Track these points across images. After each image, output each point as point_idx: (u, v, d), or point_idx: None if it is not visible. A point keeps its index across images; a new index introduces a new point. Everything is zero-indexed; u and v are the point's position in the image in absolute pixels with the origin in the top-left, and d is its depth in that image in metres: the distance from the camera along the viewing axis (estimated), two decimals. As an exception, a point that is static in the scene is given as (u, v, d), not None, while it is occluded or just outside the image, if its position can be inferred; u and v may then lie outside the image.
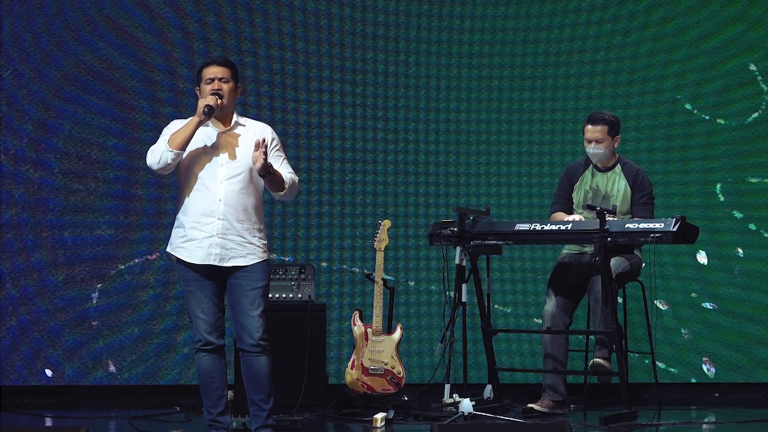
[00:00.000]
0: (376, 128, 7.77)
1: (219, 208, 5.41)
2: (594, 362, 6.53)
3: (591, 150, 6.78)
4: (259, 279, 5.46)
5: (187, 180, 5.47)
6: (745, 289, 7.72)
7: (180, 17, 7.62)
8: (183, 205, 5.49)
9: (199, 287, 5.44)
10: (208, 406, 5.50)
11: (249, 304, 5.41)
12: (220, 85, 5.46)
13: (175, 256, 5.50)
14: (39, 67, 7.52)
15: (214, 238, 5.41)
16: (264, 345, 5.43)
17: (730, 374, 7.69)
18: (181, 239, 5.48)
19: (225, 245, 5.41)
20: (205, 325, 5.42)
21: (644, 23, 7.82)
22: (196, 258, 5.43)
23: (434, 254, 7.62)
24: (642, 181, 6.75)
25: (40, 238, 7.48)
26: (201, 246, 5.42)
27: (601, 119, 6.75)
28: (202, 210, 5.42)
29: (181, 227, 5.50)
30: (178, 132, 5.40)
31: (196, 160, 5.45)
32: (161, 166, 5.39)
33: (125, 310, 7.51)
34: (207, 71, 5.51)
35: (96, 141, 7.54)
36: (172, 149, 5.36)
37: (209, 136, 5.49)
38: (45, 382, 7.45)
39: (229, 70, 5.52)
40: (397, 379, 6.73)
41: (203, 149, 5.46)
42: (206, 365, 5.46)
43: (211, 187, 5.42)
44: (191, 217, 5.45)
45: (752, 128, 7.81)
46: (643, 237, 6.32)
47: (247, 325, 5.41)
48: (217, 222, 5.41)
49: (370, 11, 7.76)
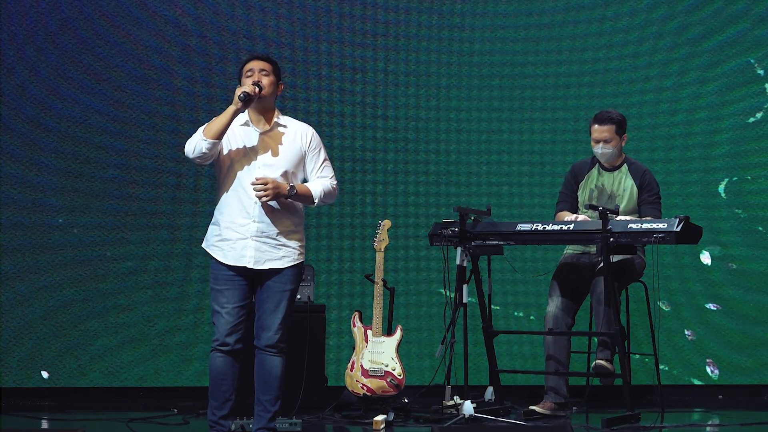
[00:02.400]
0: (376, 127, 7.75)
1: (254, 211, 5.40)
2: (596, 364, 6.51)
3: (599, 150, 6.74)
4: (289, 282, 5.46)
5: (226, 179, 5.46)
6: (748, 290, 7.70)
7: (176, 15, 7.60)
8: (220, 204, 5.48)
9: (228, 287, 5.42)
10: (214, 407, 5.48)
11: (274, 305, 5.42)
12: (259, 77, 5.44)
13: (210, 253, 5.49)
14: (34, 65, 7.49)
15: (249, 241, 5.40)
16: (281, 347, 5.43)
17: (733, 376, 7.68)
18: (216, 238, 5.47)
19: (259, 248, 5.40)
20: (226, 326, 5.40)
21: (646, 21, 7.80)
22: (229, 259, 5.42)
23: (435, 255, 7.59)
24: (649, 181, 6.72)
25: (36, 239, 7.44)
26: (234, 247, 5.41)
27: (608, 118, 6.71)
28: (238, 211, 5.42)
29: (216, 225, 5.49)
30: (214, 121, 5.38)
31: (235, 160, 5.43)
32: (197, 155, 5.37)
33: (122, 311, 7.47)
34: (248, 65, 5.50)
35: (92, 140, 7.52)
36: (206, 138, 5.34)
37: (249, 137, 5.47)
38: (41, 383, 7.40)
39: (270, 65, 5.50)
40: (397, 380, 6.71)
41: (243, 150, 5.45)
42: (219, 366, 5.44)
43: (247, 189, 5.40)
44: (227, 217, 5.44)
45: (755, 127, 7.78)
46: (646, 237, 6.30)
47: (268, 324, 5.41)
48: (252, 224, 5.40)
49: (370, 9, 7.74)
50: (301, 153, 5.50)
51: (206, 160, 5.40)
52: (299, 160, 5.49)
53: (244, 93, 5.34)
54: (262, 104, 5.46)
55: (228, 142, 5.44)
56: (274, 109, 5.54)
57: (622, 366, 6.40)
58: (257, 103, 5.43)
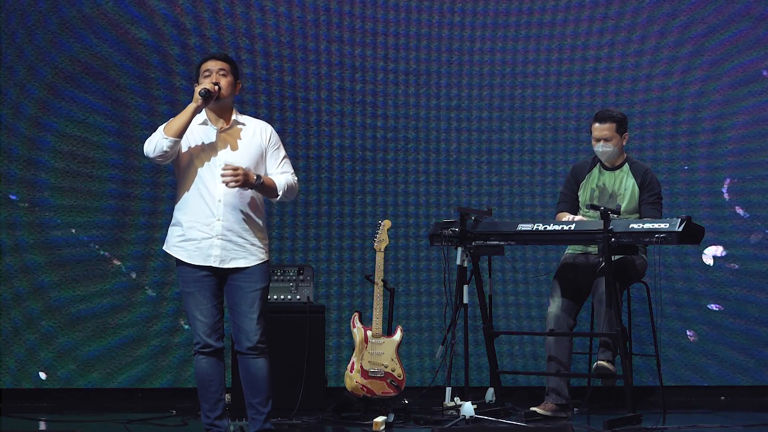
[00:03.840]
0: (376, 126, 7.72)
1: (218, 209, 5.37)
2: (598, 365, 6.48)
3: (600, 148, 6.72)
4: (259, 281, 5.42)
5: (186, 178, 5.42)
6: (751, 290, 7.66)
7: (176, 13, 7.59)
8: (180, 203, 5.44)
9: (198, 288, 5.38)
10: (206, 410, 5.45)
11: (248, 306, 5.37)
12: (217, 78, 5.43)
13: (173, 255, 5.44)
14: (33, 64, 7.48)
15: (214, 240, 5.36)
16: (262, 348, 5.39)
17: (736, 377, 7.62)
18: (178, 238, 5.43)
19: (225, 246, 5.37)
20: (204, 327, 5.37)
21: (649, 19, 7.76)
22: (195, 259, 5.38)
23: (435, 255, 7.59)
24: (651, 181, 6.70)
25: (34, 238, 7.42)
26: (200, 247, 5.37)
27: (609, 117, 6.70)
28: (201, 210, 5.38)
29: (178, 226, 5.44)
30: (174, 119, 5.35)
31: (195, 158, 5.40)
32: (157, 153, 5.32)
33: (120, 311, 7.44)
34: (205, 65, 5.49)
35: (91, 139, 7.51)
36: (167, 136, 5.31)
37: (208, 135, 5.45)
38: (39, 384, 7.38)
39: (227, 65, 5.49)
40: (398, 382, 6.72)
41: (201, 148, 5.42)
42: (204, 368, 5.41)
43: (210, 187, 5.37)
44: (189, 217, 5.40)
45: (759, 126, 7.71)
46: (648, 237, 6.27)
47: (245, 328, 5.37)
48: (217, 223, 5.37)
49: (370, 7, 7.71)
50: (261, 150, 5.48)
51: (167, 159, 5.36)
52: (259, 156, 5.47)
53: (205, 89, 5.32)
54: (220, 104, 5.44)
55: (187, 141, 5.41)
56: (232, 108, 5.53)
57: (624, 367, 6.37)
58: (215, 103, 5.41)
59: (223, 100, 5.43)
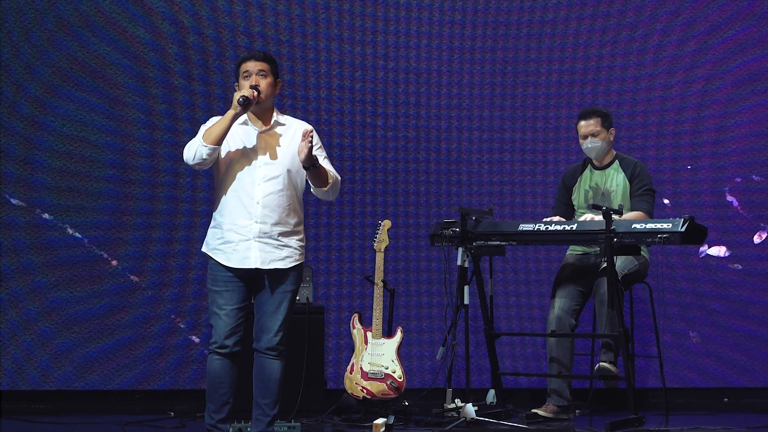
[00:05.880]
0: (376, 126, 7.69)
1: (257, 211, 5.35)
2: (600, 366, 6.48)
3: (588, 145, 6.74)
4: (291, 283, 5.41)
5: (225, 180, 5.40)
6: (755, 291, 7.62)
7: (174, 11, 7.56)
8: (220, 206, 5.42)
9: (227, 288, 5.36)
10: (211, 410, 5.42)
11: (275, 307, 5.37)
12: (257, 80, 5.39)
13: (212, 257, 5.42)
14: (30, 63, 7.45)
15: (252, 242, 5.34)
16: (280, 349, 5.39)
17: (739, 379, 7.60)
18: (218, 241, 5.40)
19: (263, 249, 5.35)
20: (225, 328, 5.35)
21: (652, 17, 7.73)
22: (233, 261, 5.36)
23: (436, 255, 7.56)
24: (640, 173, 6.69)
25: (31, 239, 7.38)
26: (237, 249, 5.35)
27: (593, 111, 6.76)
28: (239, 212, 5.36)
29: (218, 228, 5.42)
30: (214, 126, 5.33)
31: (235, 160, 5.38)
32: (197, 161, 5.31)
33: (118, 312, 7.41)
34: (245, 65, 5.44)
35: (88, 138, 7.47)
36: (207, 144, 5.28)
37: (248, 136, 5.42)
38: (35, 386, 7.34)
39: (268, 65, 5.44)
40: (398, 383, 6.71)
41: (242, 150, 5.39)
42: (217, 369, 5.38)
43: (248, 189, 5.35)
44: (228, 219, 5.38)
45: (763, 125, 7.67)
46: (650, 237, 6.24)
47: (268, 327, 5.37)
48: (255, 225, 5.35)
49: (370, 6, 7.70)
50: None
51: (205, 165, 5.35)
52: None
53: (243, 97, 5.28)
54: (261, 105, 5.42)
55: (227, 143, 5.38)
56: (273, 108, 5.50)
57: (626, 368, 6.35)
58: (255, 106, 5.38)
59: (264, 102, 5.40)
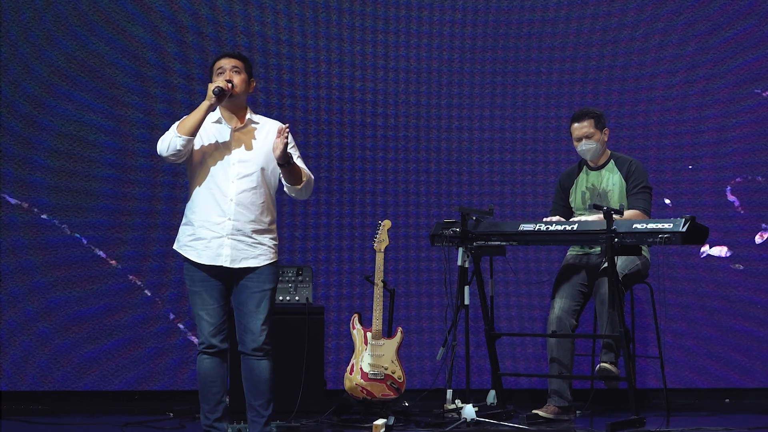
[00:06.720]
0: (376, 125, 7.68)
1: (230, 208, 5.34)
2: (601, 367, 6.45)
3: (583, 147, 6.73)
4: (268, 281, 5.40)
5: (198, 177, 5.40)
6: (756, 292, 7.61)
7: (173, 10, 7.56)
8: (192, 203, 5.42)
9: (205, 288, 5.36)
10: (206, 411, 5.42)
11: (255, 306, 5.35)
12: (231, 75, 5.41)
13: (182, 254, 5.42)
14: (28, 62, 7.44)
15: (224, 239, 5.34)
16: (266, 349, 5.37)
17: (741, 379, 7.58)
18: (189, 237, 5.40)
19: (235, 246, 5.34)
20: (210, 327, 5.35)
21: (653, 17, 7.72)
22: (204, 258, 5.35)
23: (436, 255, 7.55)
24: (635, 170, 6.68)
25: (29, 239, 7.37)
26: (210, 246, 5.34)
27: (585, 113, 6.75)
28: (212, 209, 5.36)
29: (189, 225, 5.42)
30: (188, 117, 5.34)
31: (208, 157, 5.39)
32: (171, 152, 5.31)
33: (117, 312, 7.40)
34: (218, 63, 5.48)
35: (87, 138, 7.47)
36: (181, 135, 5.30)
37: (222, 134, 5.43)
38: (34, 387, 7.33)
39: (241, 62, 5.48)
40: (398, 384, 6.72)
41: (215, 146, 5.40)
42: (207, 368, 5.39)
43: (222, 186, 5.35)
44: (200, 216, 5.37)
45: (764, 125, 7.67)
46: (651, 238, 6.22)
47: (251, 328, 5.35)
48: (228, 222, 5.34)
49: (370, 4, 7.69)
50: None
51: (180, 157, 5.35)
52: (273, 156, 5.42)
53: (218, 88, 5.31)
54: (234, 102, 5.43)
55: (200, 139, 5.39)
56: (246, 107, 5.52)
57: (627, 369, 6.33)
58: (229, 101, 5.40)
59: (237, 98, 5.42)
